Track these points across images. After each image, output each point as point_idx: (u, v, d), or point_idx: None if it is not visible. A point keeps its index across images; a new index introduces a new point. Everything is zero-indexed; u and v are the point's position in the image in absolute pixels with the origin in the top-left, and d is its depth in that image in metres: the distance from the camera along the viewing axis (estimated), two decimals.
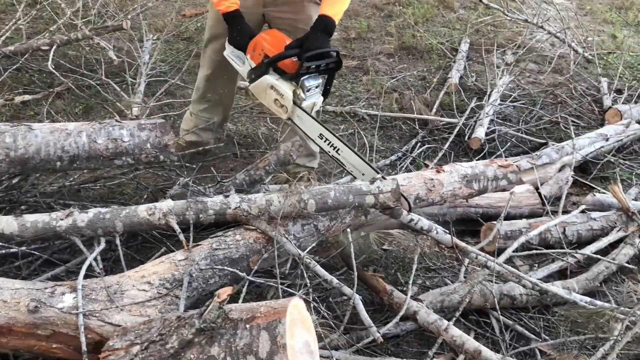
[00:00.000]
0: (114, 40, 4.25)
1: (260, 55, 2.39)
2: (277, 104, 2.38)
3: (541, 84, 4.57)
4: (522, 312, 2.39)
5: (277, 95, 2.36)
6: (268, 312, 1.37)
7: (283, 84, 2.35)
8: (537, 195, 2.99)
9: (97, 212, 1.99)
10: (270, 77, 2.37)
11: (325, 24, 2.40)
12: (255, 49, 2.42)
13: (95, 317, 1.68)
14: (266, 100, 2.41)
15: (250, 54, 2.44)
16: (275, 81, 2.36)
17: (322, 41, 2.36)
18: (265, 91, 2.39)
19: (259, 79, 2.39)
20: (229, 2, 2.47)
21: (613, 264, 2.60)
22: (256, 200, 2.08)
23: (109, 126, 2.29)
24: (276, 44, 2.38)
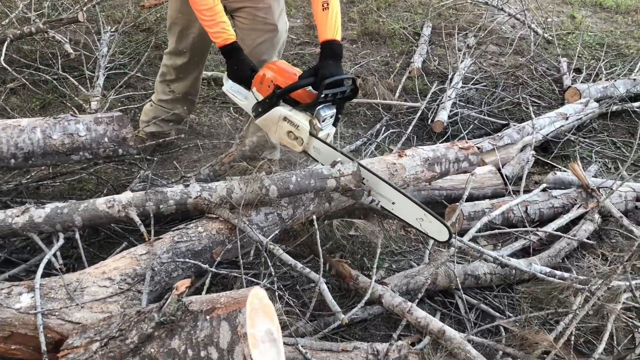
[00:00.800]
0: (70, 34, 4.14)
1: (270, 87, 2.27)
2: (291, 136, 2.27)
3: (503, 66, 4.63)
4: (487, 292, 2.43)
5: (292, 126, 2.25)
6: (228, 302, 1.36)
7: (298, 115, 2.24)
8: (499, 176, 3.04)
9: (54, 207, 1.95)
10: (283, 109, 2.25)
11: (332, 49, 2.30)
12: (262, 82, 2.30)
13: (55, 316, 1.65)
14: (277, 133, 2.29)
15: (257, 87, 2.32)
16: (288, 112, 2.24)
17: (336, 67, 2.27)
18: (276, 123, 2.27)
19: (268, 111, 2.28)
20: (226, 34, 2.34)
21: (574, 240, 2.66)
22: (217, 188, 2.06)
23: (64, 121, 2.24)
24: (285, 74, 2.29)
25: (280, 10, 2.77)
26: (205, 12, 2.33)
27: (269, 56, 2.78)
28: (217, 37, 2.35)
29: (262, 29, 2.73)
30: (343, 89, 2.27)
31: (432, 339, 1.87)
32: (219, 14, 2.33)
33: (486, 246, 2.76)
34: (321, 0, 2.33)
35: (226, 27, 2.35)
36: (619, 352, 2.11)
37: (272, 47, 2.79)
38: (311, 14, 5.25)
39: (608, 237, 2.92)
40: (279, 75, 2.28)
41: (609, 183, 3.02)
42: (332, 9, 2.33)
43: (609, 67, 4.66)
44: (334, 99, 2.27)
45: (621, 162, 3.52)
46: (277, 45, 2.82)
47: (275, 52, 2.84)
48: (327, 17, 2.32)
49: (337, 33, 2.32)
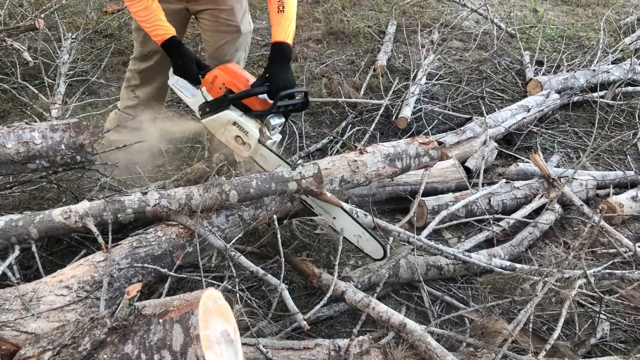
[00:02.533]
0: (29, 41, 4.09)
1: (222, 89, 2.27)
2: (239, 140, 2.27)
3: (466, 61, 4.68)
4: (452, 283, 2.46)
5: (241, 132, 2.25)
6: (181, 305, 1.36)
7: (248, 121, 2.25)
8: (462, 169, 3.07)
9: (8, 220, 1.92)
10: (233, 113, 2.26)
11: (282, 52, 2.31)
12: (213, 82, 2.30)
13: (9, 328, 1.62)
14: (224, 136, 2.30)
15: (207, 87, 2.32)
16: (239, 117, 2.25)
17: (289, 75, 2.28)
18: (224, 126, 2.28)
19: (216, 113, 2.28)
20: (163, 30, 2.33)
21: (535, 229, 2.70)
22: (176, 195, 2.05)
23: (19, 129, 2.20)
24: (239, 78, 2.28)
25: (243, 12, 2.77)
26: (140, 13, 2.34)
27: (232, 57, 2.78)
28: (155, 35, 2.36)
29: (225, 31, 2.73)
30: (295, 101, 2.29)
31: (394, 332, 1.89)
32: (154, 12, 2.33)
33: (451, 239, 2.80)
34: (277, 3, 2.34)
35: (163, 24, 2.36)
36: (579, 338, 2.15)
37: (235, 48, 2.79)
38: None
39: (570, 226, 2.97)
40: (232, 78, 2.28)
41: (569, 172, 3.08)
42: (287, 12, 2.35)
43: (570, 58, 4.74)
44: (285, 109, 2.29)
45: (583, 151, 3.58)
46: (241, 46, 2.82)
47: (238, 53, 2.84)
48: (281, 19, 2.34)
49: (289, 36, 2.34)
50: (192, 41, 4.48)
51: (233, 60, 2.81)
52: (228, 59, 2.74)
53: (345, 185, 2.43)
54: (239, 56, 2.84)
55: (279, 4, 2.34)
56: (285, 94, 2.23)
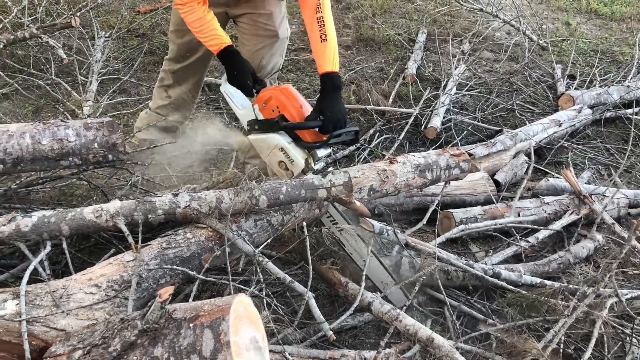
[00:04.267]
0: (65, 39, 4.15)
1: (274, 112, 2.26)
2: (282, 166, 2.28)
3: (497, 72, 4.64)
4: (465, 292, 2.42)
5: (286, 158, 2.25)
6: (212, 310, 1.35)
7: (295, 150, 2.24)
8: (492, 182, 3.03)
9: (41, 216, 1.94)
10: (282, 139, 2.25)
11: (333, 82, 2.29)
12: (267, 102, 2.28)
13: (40, 323, 1.63)
14: (268, 158, 2.30)
15: (260, 105, 2.31)
16: (287, 144, 2.24)
17: (342, 110, 2.27)
18: (271, 149, 2.27)
19: (265, 134, 2.28)
20: (220, 40, 2.33)
21: (568, 249, 2.65)
22: (206, 197, 2.05)
23: (54, 126, 2.23)
24: (294, 105, 2.26)
25: (281, 17, 2.77)
26: (195, 24, 2.34)
27: (266, 61, 2.79)
28: (211, 45, 2.35)
29: (263, 35, 2.74)
30: (345, 138, 2.28)
31: (421, 346, 1.86)
32: (209, 23, 2.33)
33: (478, 252, 2.76)
34: (319, 31, 2.31)
35: (219, 33, 2.35)
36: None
37: (272, 53, 2.81)
38: None
39: (601, 245, 2.91)
40: (287, 104, 2.26)
41: (601, 189, 3.02)
42: (329, 41, 2.33)
43: (603, 73, 4.67)
44: (335, 144, 2.29)
45: (614, 168, 3.52)
46: (277, 51, 2.83)
47: (275, 58, 2.84)
48: (326, 49, 2.31)
49: (335, 65, 2.32)
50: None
51: (269, 65, 2.81)
52: (263, 63, 2.75)
53: (373, 195, 2.41)
54: (275, 61, 2.85)
55: (320, 33, 2.31)
56: (338, 133, 2.22)
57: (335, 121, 2.22)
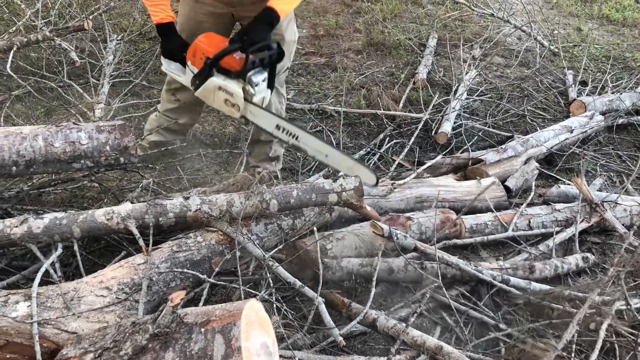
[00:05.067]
0: (77, 41, 4.17)
1: (202, 59, 2.34)
2: (228, 104, 2.34)
3: (508, 78, 4.61)
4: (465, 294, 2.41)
5: (227, 95, 2.32)
6: (223, 315, 1.35)
7: (231, 83, 2.31)
8: (502, 188, 3.02)
9: (53, 218, 1.95)
10: (217, 79, 2.33)
11: (270, 16, 2.35)
12: (195, 54, 2.37)
13: (51, 326, 1.64)
14: (216, 103, 2.37)
15: (191, 60, 2.39)
16: (222, 82, 2.32)
17: (265, 33, 2.33)
18: (213, 93, 2.35)
19: (204, 83, 2.35)
20: (164, 13, 2.42)
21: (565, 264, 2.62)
22: (217, 201, 2.05)
23: (66, 129, 2.24)
24: (215, 44, 2.34)
25: (288, 20, 2.78)
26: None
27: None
28: (155, 14, 2.44)
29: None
30: (271, 52, 2.33)
31: (428, 355, 1.85)
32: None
33: (488, 258, 2.74)
34: None
35: (165, 8, 2.43)
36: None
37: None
38: (317, 25, 5.28)
39: (612, 253, 2.88)
40: (208, 46, 2.33)
41: (613, 197, 3.00)
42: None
43: (615, 80, 4.64)
44: (263, 63, 2.32)
45: (626, 175, 3.49)
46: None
47: (282, 62, 2.84)
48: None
49: (283, 10, 2.37)
50: None
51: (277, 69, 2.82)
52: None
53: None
54: (282, 64, 2.85)
55: None
56: (255, 48, 2.26)
57: (253, 40, 2.26)
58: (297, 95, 4.10)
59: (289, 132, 2.35)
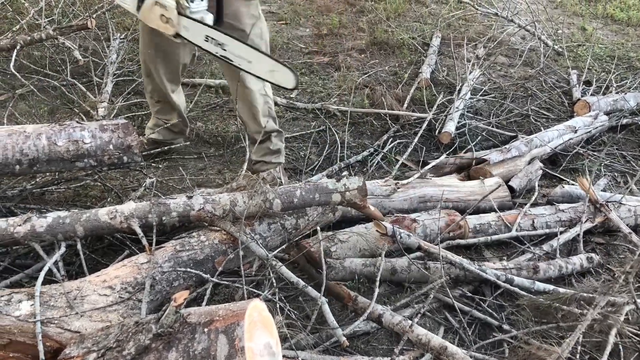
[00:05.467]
0: (80, 40, 4.17)
1: None
2: (163, 19, 2.27)
3: (512, 77, 4.60)
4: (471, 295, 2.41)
5: (162, 9, 2.26)
6: (227, 315, 1.35)
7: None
8: (506, 188, 3.00)
9: (56, 217, 1.95)
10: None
11: None
12: None
13: (54, 325, 1.64)
14: (154, 22, 2.31)
15: None
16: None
17: None
18: (151, 11, 2.29)
19: (143, 2, 2.30)
20: None
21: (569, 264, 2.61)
22: (220, 200, 2.05)
23: (70, 128, 2.24)
24: None
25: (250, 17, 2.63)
26: None
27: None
28: None
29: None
30: None
31: (434, 355, 1.85)
32: None
33: (491, 258, 2.74)
34: None
35: None
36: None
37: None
38: (321, 23, 5.27)
39: (616, 253, 2.87)
40: None
41: (617, 197, 2.98)
42: None
43: (620, 80, 4.62)
44: None
45: (631, 176, 3.47)
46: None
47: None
48: None
49: None
50: None
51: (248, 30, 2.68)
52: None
53: None
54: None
55: None
56: None
57: None
58: (300, 94, 4.10)
59: (217, 42, 2.29)
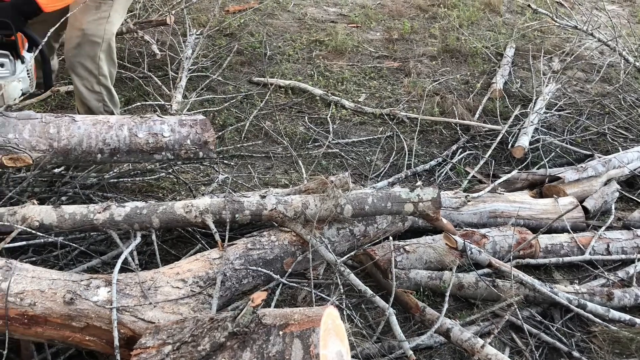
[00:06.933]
0: (158, 34, 4.29)
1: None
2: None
3: (588, 93, 4.43)
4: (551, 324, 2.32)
5: None
6: (302, 319, 1.35)
7: None
8: (580, 208, 2.89)
9: (134, 207, 2.00)
10: None
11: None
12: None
13: (129, 313, 1.68)
14: None
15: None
16: None
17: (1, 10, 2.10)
18: None
19: None
20: None
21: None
22: (292, 202, 2.05)
23: (150, 121, 2.30)
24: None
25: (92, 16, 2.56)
26: None
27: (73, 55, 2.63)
28: None
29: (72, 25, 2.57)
30: (5, 31, 2.10)
31: None
32: None
33: (562, 281, 2.64)
34: None
35: None
36: None
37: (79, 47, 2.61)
38: (392, 28, 5.23)
39: None
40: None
41: None
42: None
43: None
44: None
45: None
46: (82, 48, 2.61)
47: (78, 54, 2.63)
48: None
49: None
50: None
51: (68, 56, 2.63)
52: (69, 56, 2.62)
53: None
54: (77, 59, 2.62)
55: None
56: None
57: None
58: (368, 98, 4.08)
59: None
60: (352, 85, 4.19)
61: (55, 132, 2.16)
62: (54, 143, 2.16)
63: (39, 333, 1.68)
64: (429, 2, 5.91)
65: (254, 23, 4.96)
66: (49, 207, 1.98)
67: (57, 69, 3.33)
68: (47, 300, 1.66)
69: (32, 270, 1.72)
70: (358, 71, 4.43)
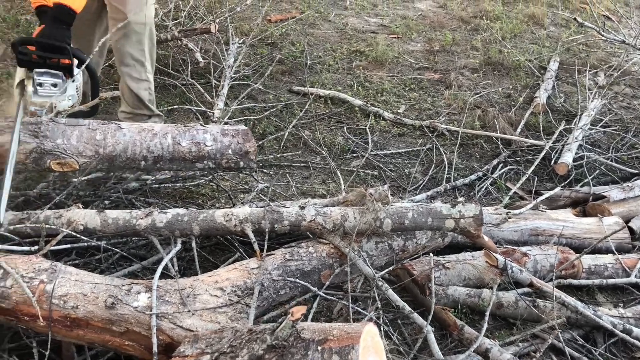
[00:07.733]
0: (201, 42, 4.36)
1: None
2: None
3: (635, 110, 4.31)
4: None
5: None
6: (341, 335, 1.33)
7: (20, 71, 2.13)
8: (626, 229, 2.80)
9: (175, 214, 2.02)
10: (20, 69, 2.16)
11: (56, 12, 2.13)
12: None
13: (167, 320, 1.70)
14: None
15: None
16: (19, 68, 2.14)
17: (56, 33, 2.11)
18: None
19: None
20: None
21: None
22: (332, 214, 2.05)
23: (194, 130, 2.33)
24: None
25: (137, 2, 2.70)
26: None
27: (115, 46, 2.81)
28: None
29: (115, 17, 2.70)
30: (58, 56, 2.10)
31: None
32: None
33: (605, 303, 2.56)
34: None
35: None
36: None
37: (121, 37, 2.76)
38: (433, 39, 5.20)
39: None
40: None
41: None
42: None
43: None
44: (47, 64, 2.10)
45: None
46: (129, 37, 2.76)
47: (127, 44, 2.79)
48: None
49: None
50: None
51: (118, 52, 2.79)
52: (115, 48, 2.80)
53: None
54: (125, 49, 2.78)
55: None
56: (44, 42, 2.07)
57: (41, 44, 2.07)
58: (408, 110, 4.05)
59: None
60: (392, 97, 4.17)
61: (102, 139, 2.21)
62: (100, 149, 2.20)
63: (80, 336, 1.71)
64: (471, 14, 5.86)
65: (296, 33, 4.99)
66: (93, 211, 2.02)
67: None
68: (89, 303, 1.69)
69: (76, 274, 1.76)
70: (398, 82, 4.41)
